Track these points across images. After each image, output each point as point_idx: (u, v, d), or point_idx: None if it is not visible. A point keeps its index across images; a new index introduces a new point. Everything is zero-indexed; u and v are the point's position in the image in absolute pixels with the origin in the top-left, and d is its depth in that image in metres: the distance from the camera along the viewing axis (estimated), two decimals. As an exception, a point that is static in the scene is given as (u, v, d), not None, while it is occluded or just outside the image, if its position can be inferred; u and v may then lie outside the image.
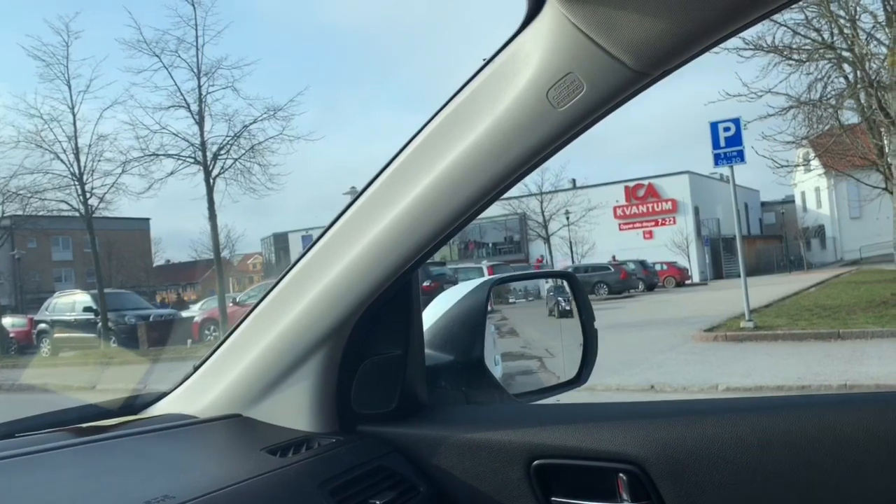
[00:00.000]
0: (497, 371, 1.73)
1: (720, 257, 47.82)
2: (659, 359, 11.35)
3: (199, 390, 1.35)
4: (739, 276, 14.49)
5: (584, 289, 1.68)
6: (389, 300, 1.23)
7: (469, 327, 1.49)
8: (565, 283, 1.74)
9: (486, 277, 1.62)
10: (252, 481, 1.03)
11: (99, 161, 24.15)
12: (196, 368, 1.38)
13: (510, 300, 2.17)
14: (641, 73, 0.96)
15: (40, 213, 27.10)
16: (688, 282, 42.75)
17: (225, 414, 1.30)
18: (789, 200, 59.19)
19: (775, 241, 55.25)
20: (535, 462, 1.15)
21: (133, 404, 1.42)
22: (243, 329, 1.31)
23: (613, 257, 38.37)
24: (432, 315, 1.51)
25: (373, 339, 1.26)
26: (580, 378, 1.61)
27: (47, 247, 52.13)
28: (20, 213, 27.27)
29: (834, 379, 8.40)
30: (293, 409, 1.26)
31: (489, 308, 1.87)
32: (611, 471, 1.11)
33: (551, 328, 2.00)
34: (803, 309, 16.11)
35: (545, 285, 2.15)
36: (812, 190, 56.07)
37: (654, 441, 1.09)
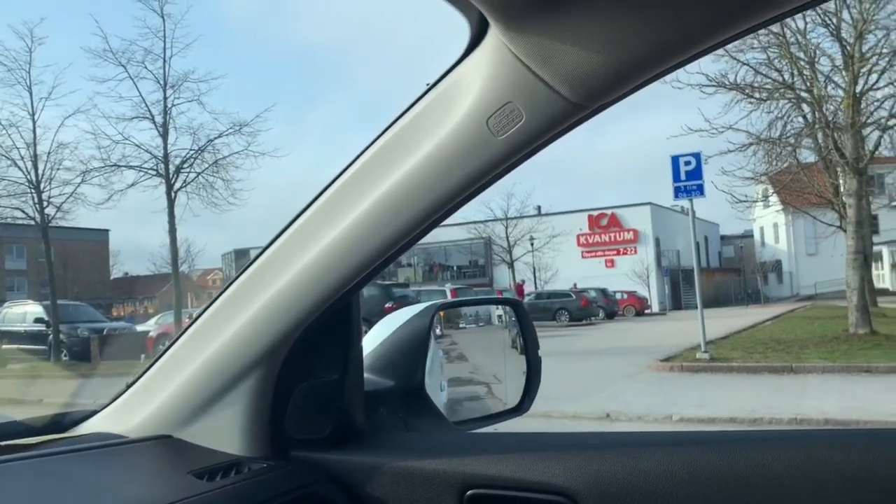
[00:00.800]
0: (443, 397, 1.72)
1: (679, 288, 48.52)
2: (616, 387, 11.42)
3: (130, 409, 1.31)
4: (697, 307, 14.71)
5: (529, 316, 1.68)
6: (328, 323, 1.21)
7: (411, 352, 1.47)
8: (512, 311, 1.74)
9: (431, 302, 1.60)
10: None
11: (58, 170, 23.64)
12: (129, 386, 1.34)
13: (461, 325, 2.16)
14: (579, 106, 0.97)
15: (-7, 221, 26.44)
16: (647, 311, 43.27)
17: (155, 434, 1.26)
18: (748, 235, 60.39)
19: (733, 274, 56.26)
20: (469, 492, 1.14)
21: (61, 422, 1.37)
22: (177, 347, 1.28)
23: (575, 285, 38.65)
24: (374, 339, 1.49)
25: (310, 362, 1.24)
26: (522, 407, 1.60)
27: (0, 255, 50.87)
28: (-28, 219, 26.59)
29: (786, 412, 8.52)
30: (225, 432, 1.23)
31: (439, 333, 1.86)
32: (543, 502, 1.10)
33: (500, 354, 1.99)
34: (758, 342, 16.39)
35: (495, 311, 2.14)
36: (770, 225, 57.35)
37: (586, 473, 1.08)
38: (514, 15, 0.91)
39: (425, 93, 1.07)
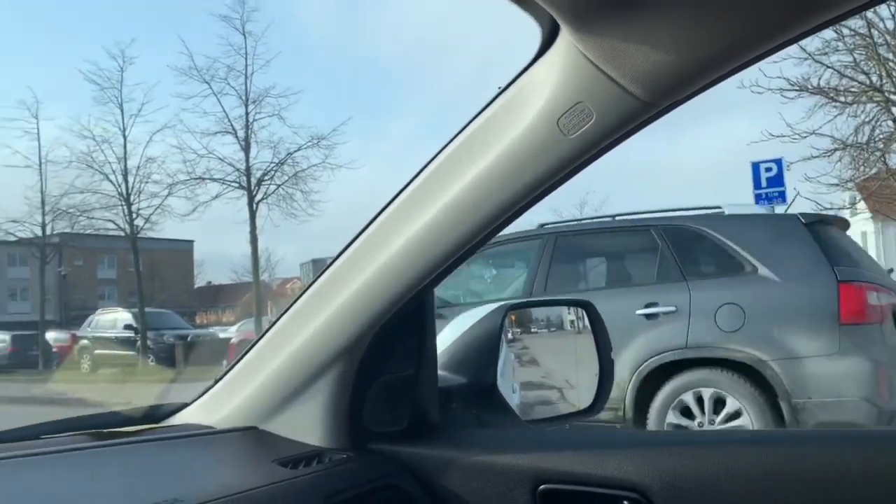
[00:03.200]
0: (515, 399, 1.73)
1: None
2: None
3: (218, 402, 1.38)
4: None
5: (601, 318, 1.68)
6: (404, 320, 1.25)
7: (483, 351, 1.50)
8: (583, 312, 1.74)
9: (502, 303, 1.63)
10: (260, 490, 1.05)
11: (146, 183, 24.84)
12: (217, 381, 1.42)
13: (532, 329, 2.17)
14: (649, 104, 0.98)
15: (87, 232, 27.81)
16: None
17: (241, 426, 1.33)
18: (835, 244, 57.84)
19: (820, 284, 53.97)
20: (542, 487, 1.15)
21: (154, 414, 1.46)
22: (263, 343, 1.34)
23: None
24: (447, 337, 1.53)
25: (386, 358, 1.28)
26: (594, 408, 1.60)
27: (93, 265, 53.35)
28: (69, 230, 28.06)
29: None
30: (306, 424, 1.28)
31: (511, 335, 1.87)
32: (615, 498, 1.11)
33: (573, 360, 1.99)
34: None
35: (567, 317, 2.14)
36: (858, 234, 54.90)
37: (658, 471, 1.08)
38: (584, 17, 0.93)
39: (497, 96, 1.09)
